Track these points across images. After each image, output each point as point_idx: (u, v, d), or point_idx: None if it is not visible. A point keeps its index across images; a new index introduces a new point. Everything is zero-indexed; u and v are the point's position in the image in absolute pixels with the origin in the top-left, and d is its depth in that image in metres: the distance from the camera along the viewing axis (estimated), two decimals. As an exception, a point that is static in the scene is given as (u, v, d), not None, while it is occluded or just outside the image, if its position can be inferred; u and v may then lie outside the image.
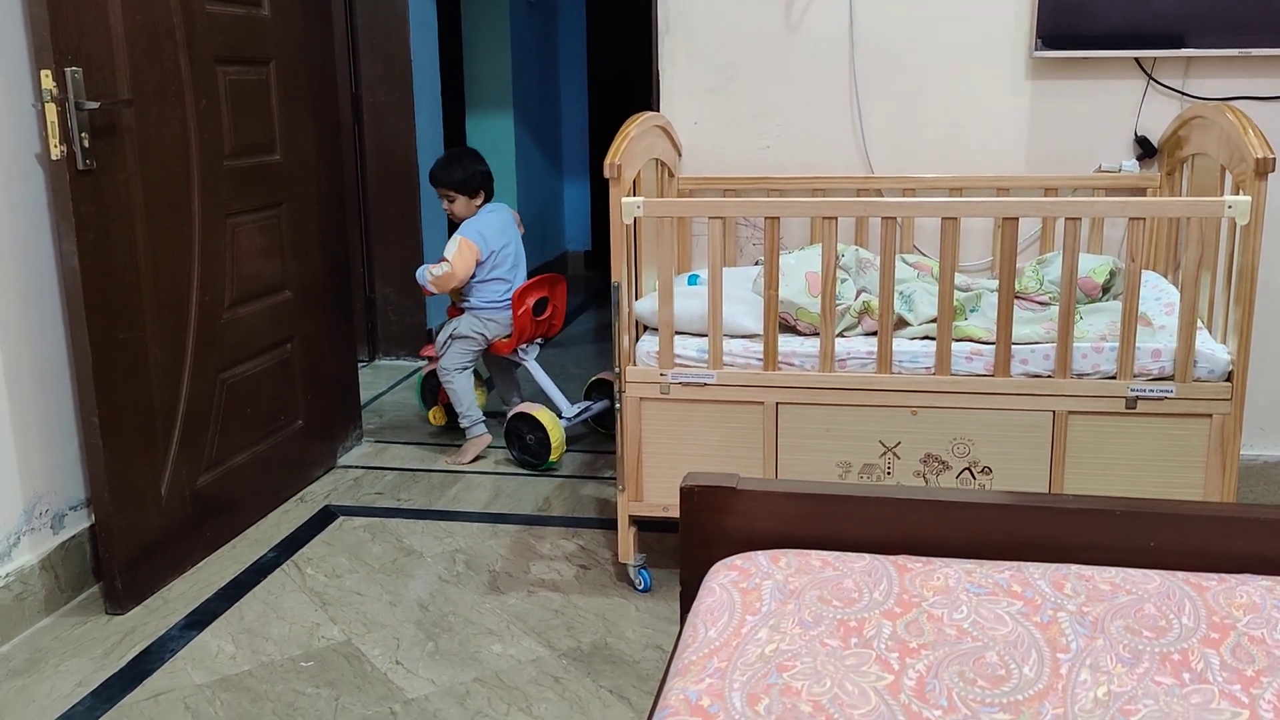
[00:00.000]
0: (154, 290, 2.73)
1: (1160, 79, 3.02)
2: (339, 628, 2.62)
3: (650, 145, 2.88)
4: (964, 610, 1.45)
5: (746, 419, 2.61)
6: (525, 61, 6.04)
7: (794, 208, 2.70)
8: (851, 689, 1.29)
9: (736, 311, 2.66)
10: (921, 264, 2.97)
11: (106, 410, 2.59)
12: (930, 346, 2.56)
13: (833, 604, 1.48)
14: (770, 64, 3.19)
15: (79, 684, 2.39)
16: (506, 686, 2.37)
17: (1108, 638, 1.38)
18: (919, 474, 2.58)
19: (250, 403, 3.15)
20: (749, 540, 1.69)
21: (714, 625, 1.46)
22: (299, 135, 3.32)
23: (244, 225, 3.08)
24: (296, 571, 2.91)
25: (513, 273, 3.70)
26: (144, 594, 2.74)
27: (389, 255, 4.76)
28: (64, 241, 2.51)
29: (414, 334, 4.81)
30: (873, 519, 1.69)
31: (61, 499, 2.72)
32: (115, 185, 2.60)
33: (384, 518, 3.26)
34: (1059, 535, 1.63)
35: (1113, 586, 1.48)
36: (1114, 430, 2.49)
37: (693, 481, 1.70)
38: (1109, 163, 3.08)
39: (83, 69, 2.46)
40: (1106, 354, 2.49)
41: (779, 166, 3.21)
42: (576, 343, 5.21)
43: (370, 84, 4.58)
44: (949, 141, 3.14)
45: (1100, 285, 2.76)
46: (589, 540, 3.08)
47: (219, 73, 2.93)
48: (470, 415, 3.71)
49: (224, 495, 3.05)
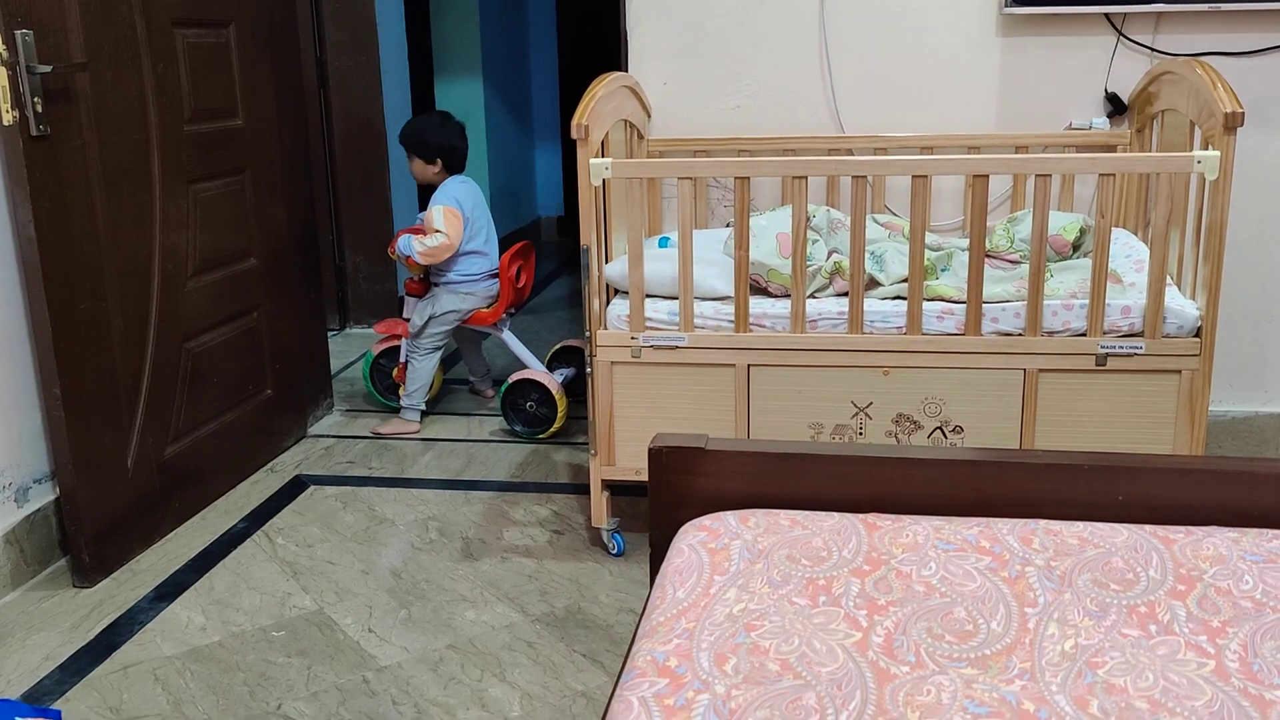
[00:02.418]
0: (114, 259, 2.68)
1: (1130, 35, 3.01)
2: (310, 597, 2.60)
3: (619, 106, 2.85)
4: (932, 567, 1.44)
5: (718, 381, 2.59)
6: (494, 25, 5.95)
7: (764, 167, 2.68)
8: (819, 646, 1.28)
9: (707, 274, 2.64)
10: (892, 224, 2.95)
11: (69, 381, 2.55)
12: (901, 306, 2.55)
13: (801, 563, 1.47)
14: (740, 23, 3.15)
15: (46, 658, 2.37)
16: (480, 652, 2.36)
17: (1075, 591, 1.38)
18: (891, 434, 2.58)
19: (217, 372, 3.11)
20: (718, 501, 1.68)
21: (682, 586, 1.45)
22: (261, 100, 3.26)
23: (206, 192, 3.02)
24: (267, 541, 2.89)
25: (487, 244, 3.66)
26: (112, 566, 2.71)
27: (358, 222, 4.70)
28: (19, 210, 2.46)
29: (385, 302, 4.76)
30: (842, 477, 1.68)
31: (25, 472, 2.68)
32: (71, 151, 2.54)
33: (355, 486, 3.23)
34: (1028, 491, 1.62)
35: (1080, 540, 1.48)
36: (1084, 388, 2.49)
37: (661, 443, 1.69)
38: (1079, 120, 3.06)
39: (34, 31, 2.40)
40: (1077, 311, 2.48)
41: (749, 127, 3.18)
42: (549, 309, 5.18)
43: (335, 48, 4.51)
44: (919, 100, 3.12)
45: (1070, 243, 2.75)
46: (562, 506, 3.06)
47: (177, 35, 2.86)
48: (413, 400, 3.65)
49: (192, 465, 3.01)
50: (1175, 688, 1.19)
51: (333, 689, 2.25)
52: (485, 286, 3.65)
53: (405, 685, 2.25)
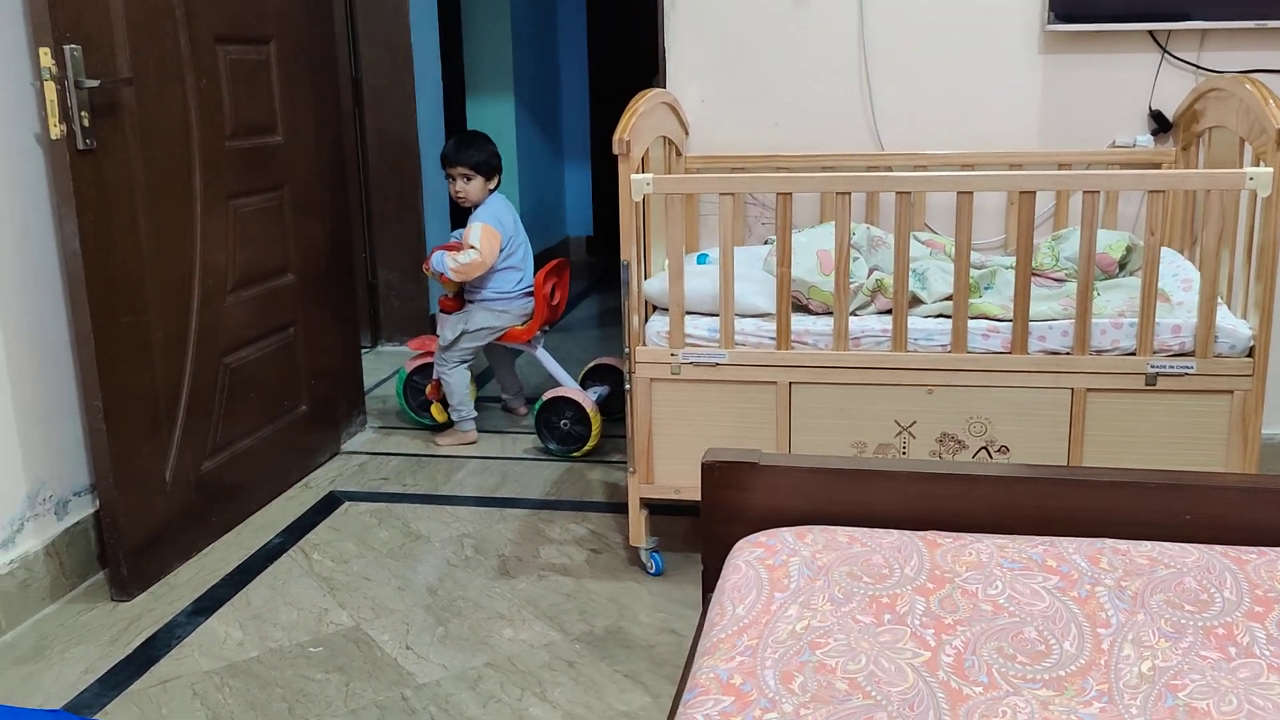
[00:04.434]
0: (156, 273, 2.69)
1: (1175, 52, 2.98)
2: (347, 613, 2.58)
3: (658, 122, 2.84)
4: (999, 585, 1.41)
5: (759, 399, 2.57)
6: (526, 44, 5.97)
7: (807, 183, 2.66)
8: (888, 665, 1.25)
9: (747, 290, 2.62)
10: (934, 242, 2.93)
11: (110, 394, 2.54)
12: (945, 324, 2.52)
13: (863, 580, 1.45)
14: (779, 40, 3.14)
15: (85, 671, 2.35)
16: (519, 671, 2.33)
17: (1149, 612, 1.34)
18: (935, 453, 2.54)
19: (254, 387, 3.10)
20: (771, 517, 1.66)
21: (741, 603, 1.42)
22: (300, 116, 3.27)
23: (246, 207, 3.03)
24: (303, 557, 2.87)
25: (523, 262, 3.65)
26: (150, 580, 2.70)
27: (391, 240, 4.70)
28: (65, 223, 2.46)
29: (417, 319, 4.75)
30: (898, 494, 1.65)
31: (65, 485, 2.68)
32: (116, 166, 2.55)
33: (390, 503, 3.22)
34: (1091, 509, 1.59)
35: (1150, 560, 1.45)
36: (1133, 408, 2.45)
37: (714, 458, 1.67)
38: (1123, 138, 3.04)
39: (82, 46, 2.41)
40: (1126, 330, 2.45)
41: (788, 144, 3.16)
42: (580, 328, 5.17)
43: (370, 67, 4.53)
44: (960, 118, 3.10)
45: (1117, 261, 2.72)
46: (598, 524, 3.04)
47: (219, 51, 2.88)
48: (462, 411, 3.66)
49: (229, 480, 3.00)
50: (1260, 712, 1.15)
51: (371, 706, 2.22)
52: (520, 304, 3.64)
53: (444, 703, 2.23)
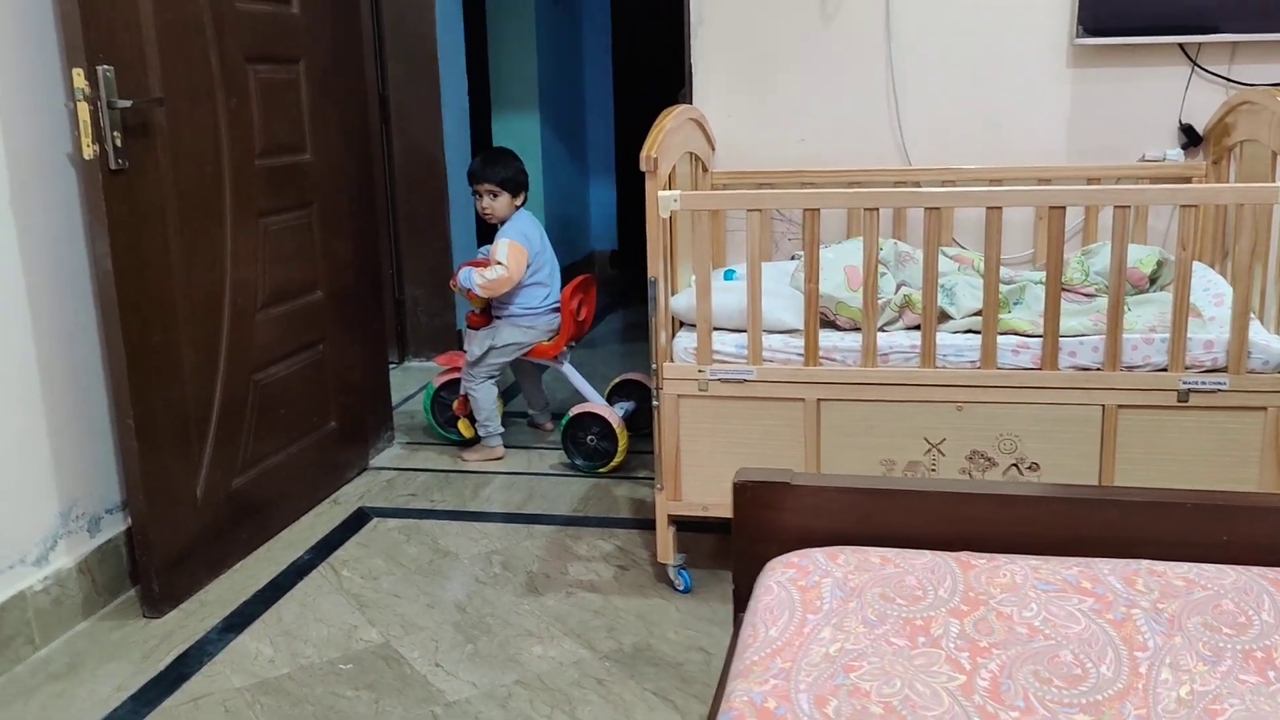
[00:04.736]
0: (187, 291, 2.71)
1: (1205, 65, 2.96)
2: (377, 630, 2.59)
3: (685, 139, 2.84)
4: (1034, 608, 1.40)
5: (787, 415, 2.56)
6: (551, 61, 6.01)
7: (834, 199, 2.65)
8: (923, 689, 1.24)
9: (774, 306, 2.62)
10: (962, 257, 2.92)
11: (141, 412, 2.57)
12: (974, 340, 2.51)
13: (896, 602, 1.44)
14: (805, 56, 3.14)
15: (118, 688, 2.37)
16: (549, 689, 2.33)
17: (1186, 635, 1.33)
18: (964, 471, 2.53)
19: (283, 404, 3.12)
20: (803, 537, 1.65)
21: (774, 624, 1.41)
22: (329, 134, 3.29)
23: (275, 225, 3.05)
24: (332, 573, 2.89)
25: (550, 278, 3.66)
26: (181, 597, 2.72)
27: (417, 256, 4.73)
28: (97, 242, 2.49)
29: (444, 335, 4.78)
30: (930, 514, 1.64)
31: (98, 502, 2.70)
32: (147, 185, 2.57)
33: (418, 519, 3.23)
34: (1126, 529, 1.58)
35: (1187, 582, 1.43)
36: (1166, 424, 2.43)
37: (745, 477, 1.66)
38: (1153, 151, 3.02)
39: (114, 67, 2.44)
40: (1157, 346, 2.43)
41: (815, 160, 3.16)
42: (605, 343, 5.17)
43: (397, 84, 4.57)
44: (988, 132, 3.09)
45: (1148, 276, 2.70)
46: (626, 541, 3.03)
47: (249, 71, 2.91)
48: (489, 426, 3.67)
49: (259, 497, 3.02)
50: (1303, 738, 1.14)
51: (401, 724, 2.23)
52: (547, 320, 3.65)
53: (474, 721, 2.23)
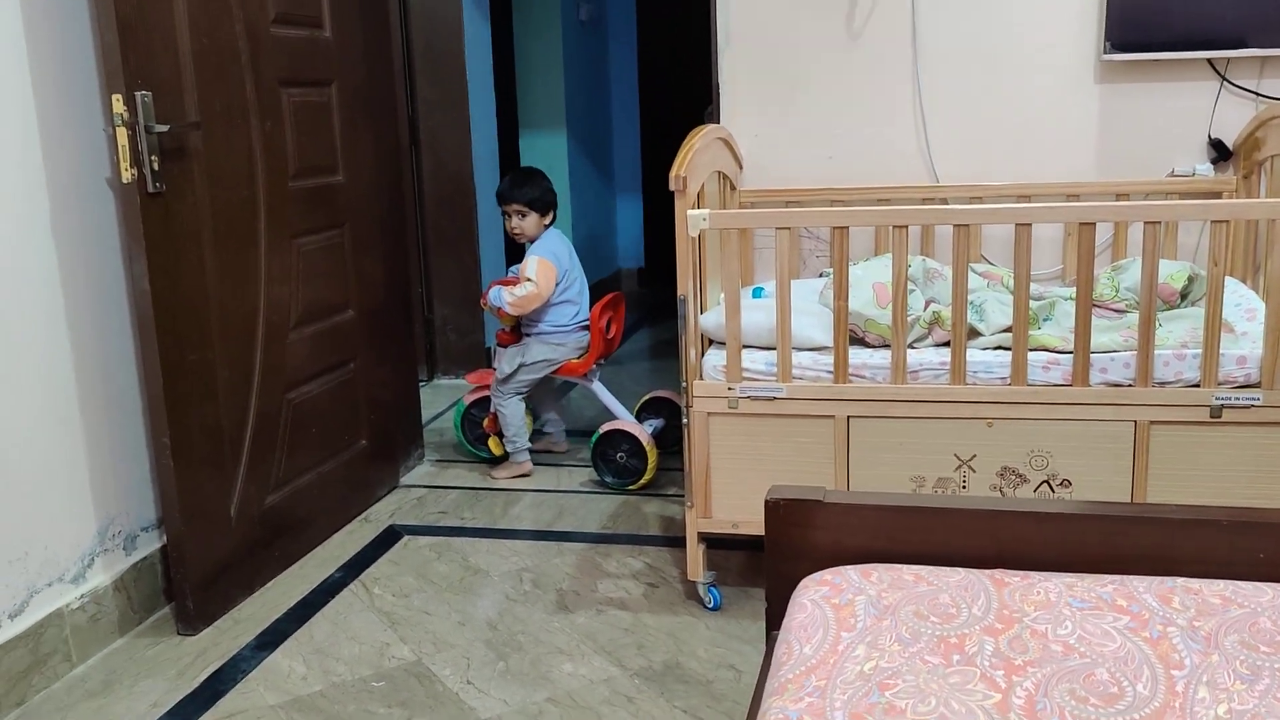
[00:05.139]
0: (222, 311, 2.75)
1: (1234, 80, 2.95)
2: (409, 647, 2.60)
3: (713, 158, 2.86)
4: (1068, 626, 1.40)
5: (817, 433, 2.56)
6: (578, 80, 6.04)
7: (863, 217, 2.66)
8: (958, 708, 1.24)
9: (803, 324, 2.63)
10: (991, 273, 2.92)
11: (177, 431, 2.60)
12: (1004, 356, 2.51)
13: (930, 620, 1.44)
14: (832, 74, 3.16)
15: (154, 705, 2.39)
16: (580, 706, 2.34)
17: (1223, 653, 1.32)
18: (995, 487, 2.52)
19: (315, 422, 3.15)
20: (836, 555, 1.65)
21: (808, 642, 1.42)
22: (360, 156, 3.33)
23: (308, 246, 3.09)
24: (364, 591, 2.91)
25: (580, 295, 3.69)
26: (215, 614, 2.74)
27: (447, 275, 4.77)
28: (135, 264, 2.53)
29: (473, 354, 4.81)
30: (964, 531, 1.64)
31: (134, 520, 2.73)
32: (184, 208, 2.62)
33: (449, 536, 3.24)
34: (1161, 547, 1.57)
35: (1223, 600, 1.43)
36: (1199, 440, 2.41)
37: (778, 495, 1.67)
38: (1182, 167, 3.01)
39: (152, 92, 2.48)
40: (1189, 361, 2.42)
41: (842, 177, 3.17)
42: (632, 360, 5.19)
43: (426, 105, 4.61)
44: (1016, 148, 3.09)
45: (1179, 291, 2.69)
46: (655, 558, 3.04)
47: (283, 94, 2.95)
48: (517, 442, 3.69)
49: (291, 515, 3.05)
50: (1344, 757, 1.13)
51: (434, 741, 2.24)
52: (576, 337, 3.67)
53: (506, 739, 2.24)
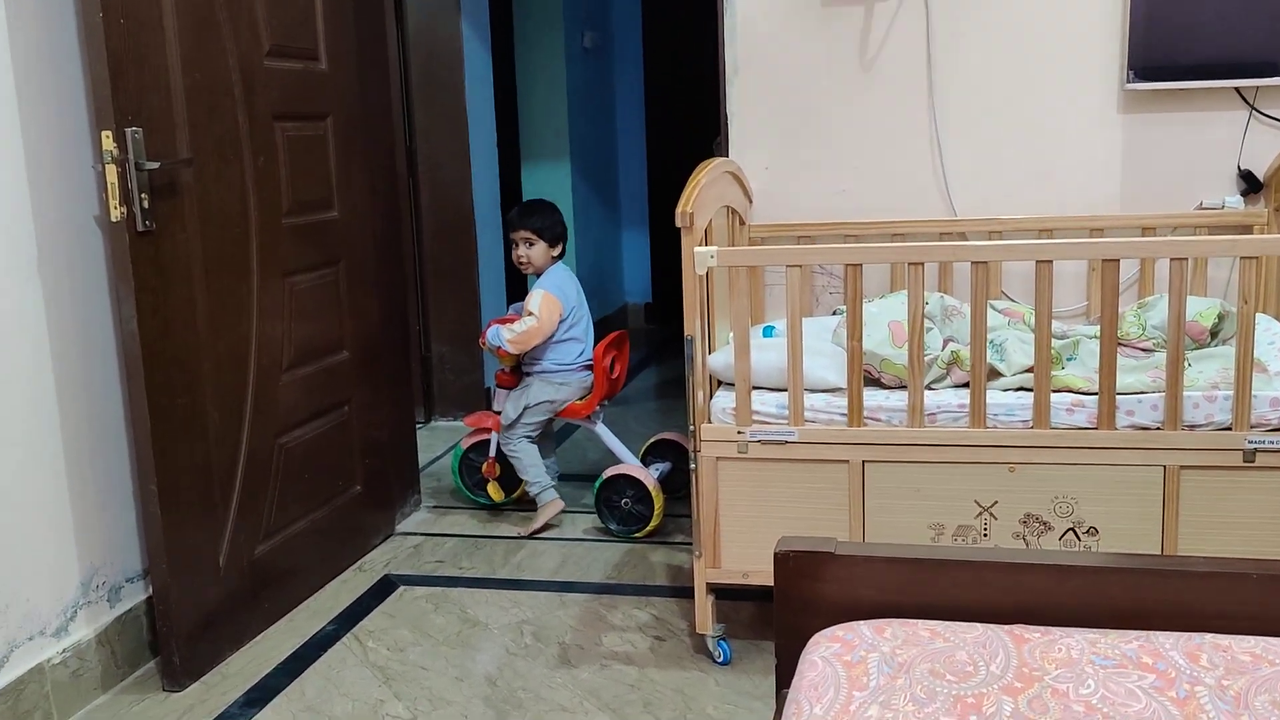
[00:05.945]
0: (212, 353, 2.66)
1: (1264, 109, 2.85)
2: (404, 705, 2.48)
3: (721, 192, 2.77)
4: (1091, 685, 1.30)
5: (831, 479, 2.45)
6: (582, 110, 5.93)
7: (878, 254, 2.56)
8: (986, 787, 1.12)
9: (816, 364, 2.52)
10: (1012, 311, 2.81)
11: (165, 477, 2.50)
12: (1026, 398, 2.39)
13: (946, 678, 1.33)
14: (844, 104, 3.07)
15: (132, 766, 2.28)
16: (580, 769, 2.21)
17: (1252, 714, 1.23)
18: (1018, 535, 2.40)
19: (308, 468, 3.05)
20: (848, 609, 1.55)
21: (819, 702, 1.31)
22: (356, 191, 3.25)
23: (301, 284, 3.00)
24: (358, 645, 2.79)
25: (585, 334, 3.58)
26: (202, 669, 2.63)
27: (445, 312, 4.65)
28: (123, 305, 2.44)
29: (471, 394, 4.68)
30: (982, 585, 1.54)
31: (118, 570, 2.62)
32: (175, 246, 2.53)
33: (446, 587, 3.12)
34: (1189, 601, 1.47)
35: (1254, 657, 1.32)
36: (1231, 486, 2.29)
37: (788, 546, 1.57)
38: (1211, 199, 2.90)
39: (143, 129, 2.40)
40: (1220, 403, 2.30)
41: (856, 211, 3.07)
42: (638, 400, 5.07)
43: (425, 135, 4.50)
44: (1036, 181, 2.99)
45: (1208, 330, 2.57)
46: (662, 609, 2.91)
47: (277, 129, 2.87)
48: (540, 482, 3.54)
49: (282, 564, 2.94)
50: None
51: (425, 807, 2.11)
52: (580, 377, 3.56)
53: (502, 804, 2.11)
